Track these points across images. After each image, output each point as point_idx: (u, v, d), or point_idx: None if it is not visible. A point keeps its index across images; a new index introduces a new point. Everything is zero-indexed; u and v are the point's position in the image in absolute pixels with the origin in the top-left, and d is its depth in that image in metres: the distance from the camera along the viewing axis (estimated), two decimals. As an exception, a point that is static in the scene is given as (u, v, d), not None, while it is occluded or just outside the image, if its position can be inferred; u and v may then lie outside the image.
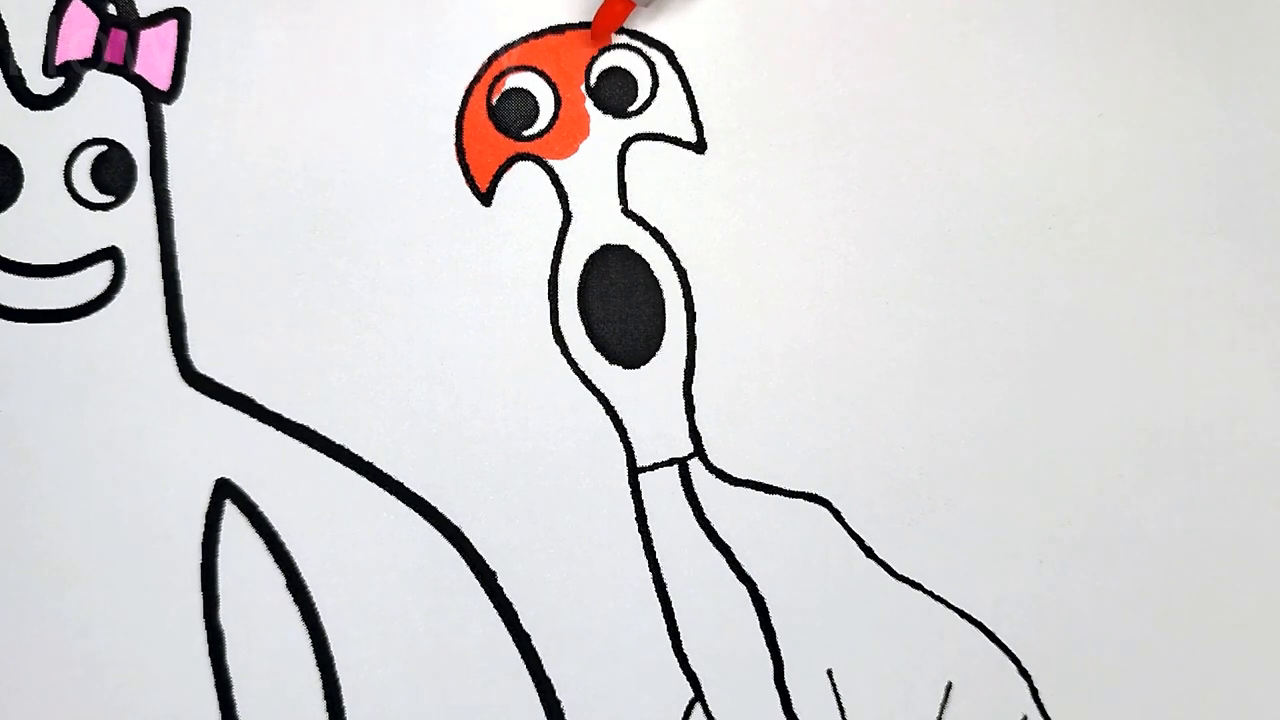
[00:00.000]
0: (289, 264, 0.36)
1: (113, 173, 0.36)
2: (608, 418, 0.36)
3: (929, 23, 0.37)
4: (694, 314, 0.36)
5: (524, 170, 0.36)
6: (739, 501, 0.36)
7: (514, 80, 0.36)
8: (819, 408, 0.36)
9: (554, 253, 0.36)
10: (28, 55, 0.36)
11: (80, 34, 0.36)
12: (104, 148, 0.36)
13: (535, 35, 0.36)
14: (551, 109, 0.36)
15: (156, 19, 0.36)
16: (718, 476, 0.36)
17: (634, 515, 0.35)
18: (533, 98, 0.36)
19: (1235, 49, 0.37)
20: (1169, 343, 0.36)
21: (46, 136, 0.36)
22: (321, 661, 0.35)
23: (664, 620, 0.35)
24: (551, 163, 0.36)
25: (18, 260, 0.36)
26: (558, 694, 0.35)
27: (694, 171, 0.36)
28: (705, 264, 0.36)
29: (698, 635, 0.35)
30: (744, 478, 0.36)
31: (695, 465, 0.36)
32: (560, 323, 0.36)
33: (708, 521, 0.36)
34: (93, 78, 0.36)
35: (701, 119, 0.36)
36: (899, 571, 0.35)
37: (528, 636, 0.35)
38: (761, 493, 0.36)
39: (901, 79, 0.37)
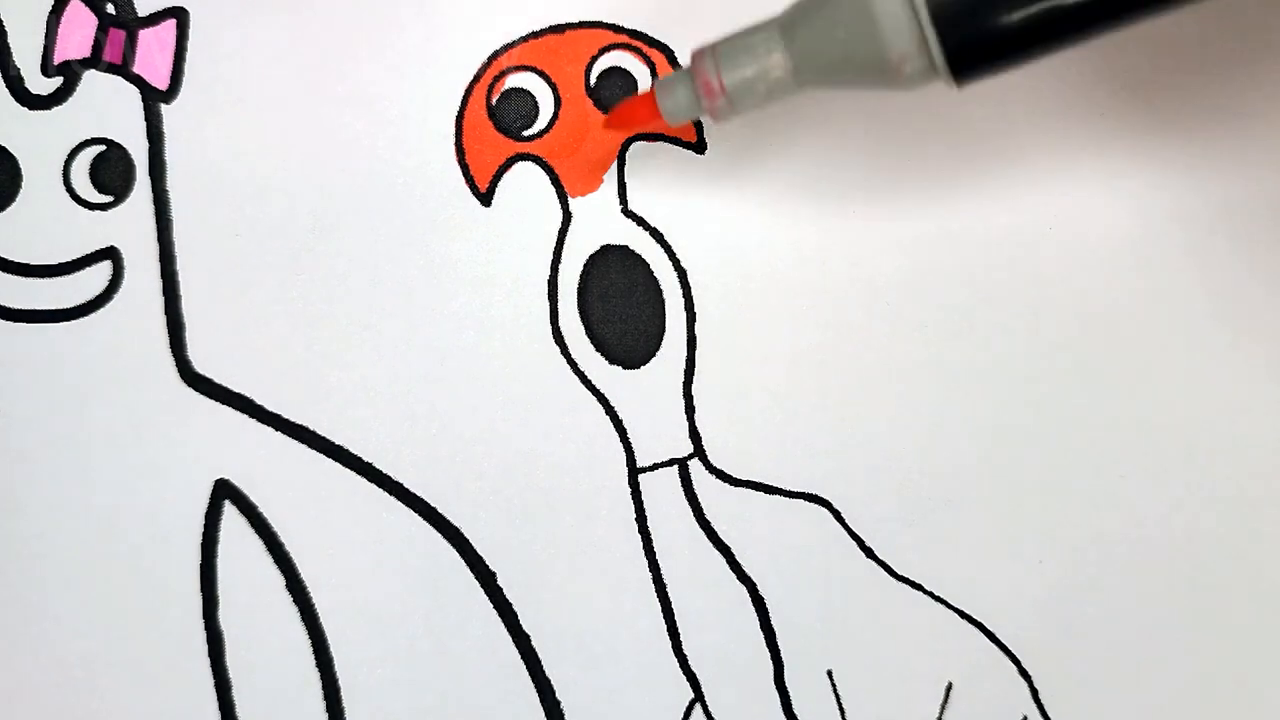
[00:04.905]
0: (289, 264, 0.36)
1: (111, 173, 0.36)
2: (607, 418, 0.36)
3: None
4: (694, 314, 0.36)
5: (524, 170, 0.36)
6: (739, 502, 0.36)
7: (514, 80, 0.36)
8: (819, 408, 0.36)
9: (554, 253, 0.36)
10: (26, 55, 0.36)
11: (79, 34, 0.36)
12: (103, 147, 0.36)
13: (535, 35, 0.36)
14: (551, 109, 0.36)
15: (155, 18, 0.36)
16: (718, 477, 0.36)
17: (634, 515, 0.35)
18: (533, 98, 0.36)
19: (1236, 48, 0.37)
20: (1169, 343, 0.36)
21: (45, 136, 0.36)
22: (321, 661, 0.35)
23: (664, 620, 0.35)
24: (551, 163, 0.36)
25: (16, 260, 0.36)
26: (558, 694, 0.35)
27: (694, 171, 0.36)
28: (705, 264, 0.36)
29: (698, 635, 0.35)
30: (744, 478, 0.36)
31: (695, 465, 0.36)
32: (560, 323, 0.36)
33: (708, 522, 0.36)
34: (91, 77, 0.36)
35: (701, 119, 0.36)
36: (899, 571, 0.35)
37: (528, 637, 0.35)
38: (761, 493, 0.36)
39: (901, 79, 0.37)
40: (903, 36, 0.28)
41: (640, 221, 0.36)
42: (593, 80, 0.36)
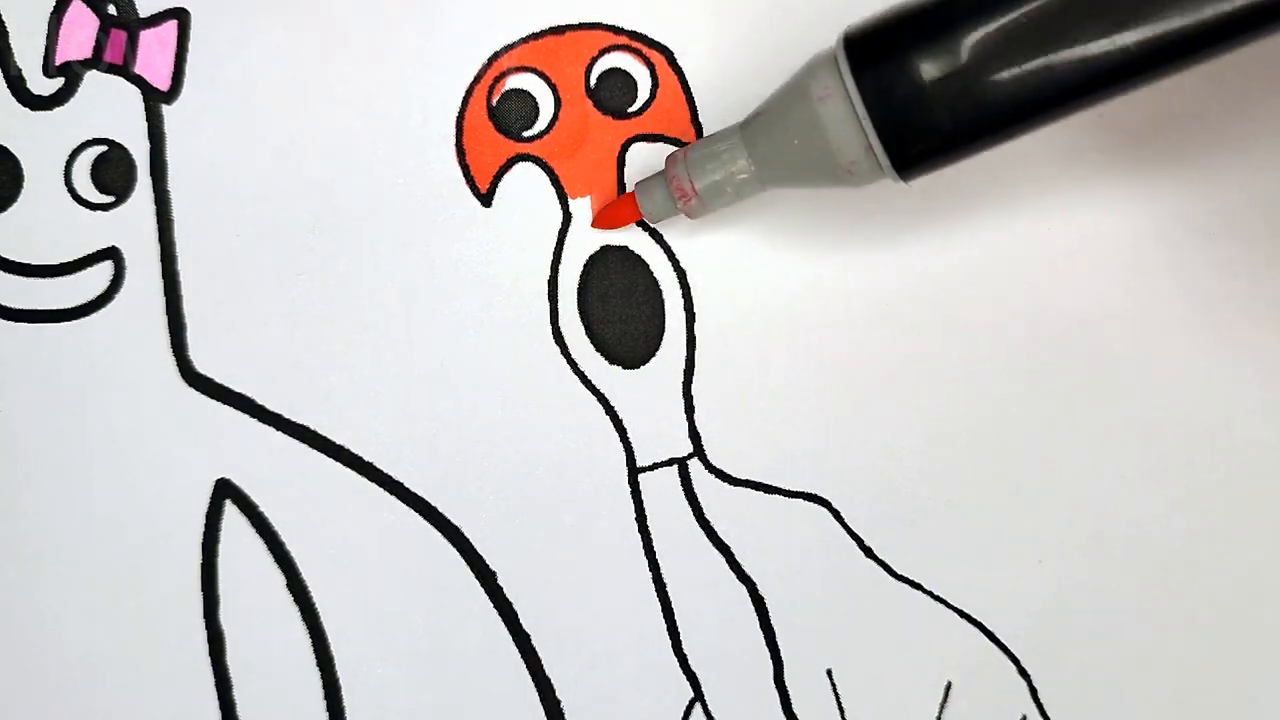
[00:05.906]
0: (289, 264, 0.36)
1: (113, 173, 0.36)
2: (607, 418, 0.36)
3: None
4: (694, 314, 0.36)
5: (524, 171, 0.36)
6: (739, 501, 0.36)
7: (514, 81, 0.36)
8: (819, 408, 0.36)
9: (554, 253, 0.36)
10: (28, 55, 0.36)
11: (80, 34, 0.36)
12: (104, 148, 0.36)
13: (535, 36, 0.36)
14: (551, 110, 0.36)
15: (156, 19, 0.36)
16: (717, 476, 0.36)
17: (634, 515, 0.36)
18: (533, 99, 0.36)
19: (1231, 54, 0.37)
20: (1168, 344, 0.36)
21: (46, 137, 0.36)
22: (321, 661, 0.35)
23: (664, 620, 0.35)
24: (551, 164, 0.36)
25: (18, 260, 0.36)
26: (558, 694, 0.35)
27: (694, 172, 0.36)
28: (705, 264, 0.36)
29: (698, 635, 0.35)
30: (744, 478, 0.36)
31: (695, 465, 0.36)
32: (560, 323, 0.36)
33: (707, 521, 0.36)
34: (93, 78, 0.36)
35: (701, 119, 0.36)
36: (899, 571, 0.35)
37: (528, 636, 0.35)
38: (761, 493, 0.36)
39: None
40: (850, 145, 0.30)
41: (640, 222, 0.36)
42: (593, 81, 0.37)
